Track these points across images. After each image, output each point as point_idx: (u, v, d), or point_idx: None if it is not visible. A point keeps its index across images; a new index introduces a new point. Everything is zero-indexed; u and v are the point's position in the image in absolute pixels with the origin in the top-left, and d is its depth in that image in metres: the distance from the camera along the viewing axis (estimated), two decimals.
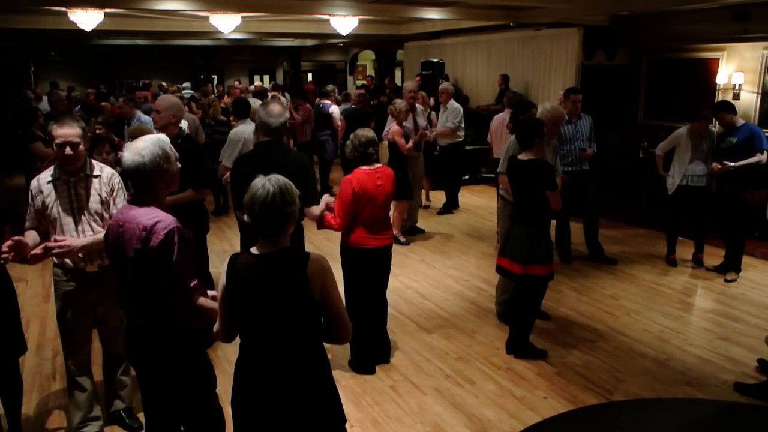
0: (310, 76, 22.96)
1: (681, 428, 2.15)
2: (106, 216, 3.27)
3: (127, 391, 3.63)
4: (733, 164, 5.68)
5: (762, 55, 8.73)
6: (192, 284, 2.46)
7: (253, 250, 2.26)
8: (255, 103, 6.51)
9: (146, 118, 6.96)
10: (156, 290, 2.45)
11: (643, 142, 8.60)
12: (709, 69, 9.31)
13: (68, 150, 3.10)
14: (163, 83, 15.93)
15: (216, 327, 2.38)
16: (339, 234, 4.11)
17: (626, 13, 9.45)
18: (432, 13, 10.48)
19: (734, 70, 9.05)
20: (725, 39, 9.03)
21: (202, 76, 20.29)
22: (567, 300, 5.48)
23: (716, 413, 2.38)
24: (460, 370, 4.26)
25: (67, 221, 3.19)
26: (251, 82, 21.37)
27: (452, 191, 8.84)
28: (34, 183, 3.25)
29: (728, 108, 5.92)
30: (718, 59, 9.23)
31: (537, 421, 3.44)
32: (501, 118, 7.35)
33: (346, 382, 4.07)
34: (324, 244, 6.66)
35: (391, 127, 6.97)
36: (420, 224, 7.76)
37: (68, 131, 3.12)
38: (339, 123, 9.11)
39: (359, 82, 20.69)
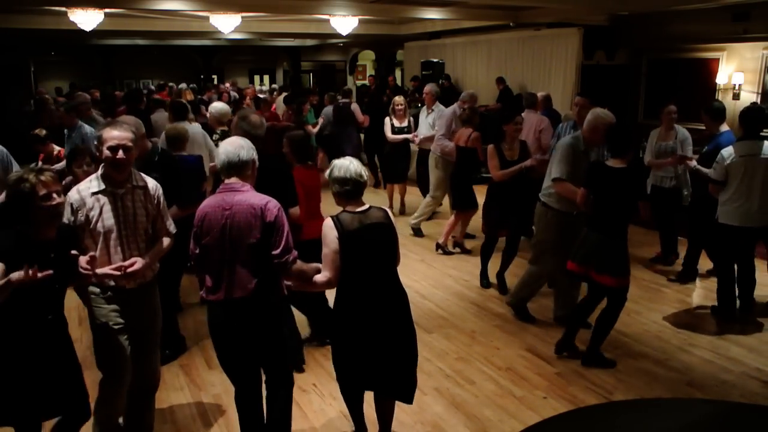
0: (310, 76, 22.99)
1: (681, 428, 2.15)
2: (150, 232, 3.08)
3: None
4: (693, 163, 5.37)
5: (762, 55, 8.74)
6: (295, 253, 2.90)
7: (349, 209, 3.03)
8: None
9: (88, 129, 6.19)
10: (264, 261, 2.84)
11: (642, 142, 8.61)
12: (709, 69, 9.33)
13: (121, 154, 2.87)
14: (172, 84, 15.89)
15: (325, 277, 2.98)
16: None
17: (626, 13, 9.46)
18: (432, 13, 10.50)
19: (734, 70, 9.06)
20: (725, 39, 9.05)
21: (202, 76, 20.30)
22: None
23: (716, 413, 2.37)
24: (460, 370, 4.26)
25: (113, 237, 2.94)
26: (251, 82, 21.37)
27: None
28: (74, 195, 2.94)
29: (711, 111, 5.44)
30: (718, 59, 9.24)
31: (537, 421, 3.43)
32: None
33: None
34: None
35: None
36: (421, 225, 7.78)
37: (123, 134, 2.90)
38: (362, 118, 9.66)
39: (359, 82, 20.69)
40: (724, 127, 5.45)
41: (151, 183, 3.12)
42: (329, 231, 2.96)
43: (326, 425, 3.62)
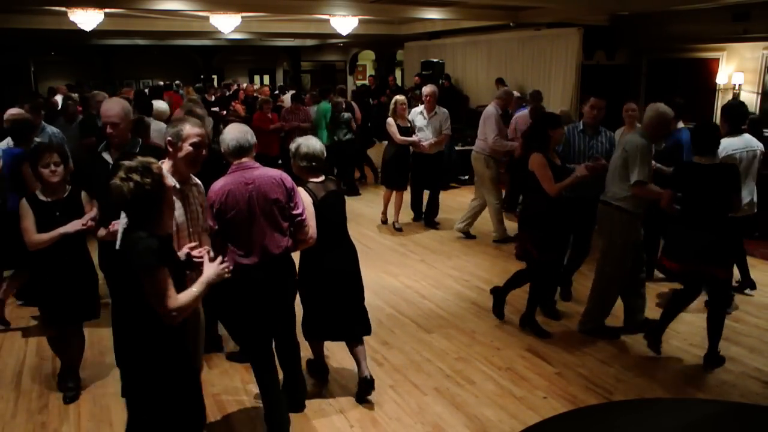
0: (310, 76, 22.99)
1: (681, 428, 2.15)
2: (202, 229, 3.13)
3: None
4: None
5: (762, 55, 8.74)
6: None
7: (313, 180, 3.58)
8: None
9: (53, 129, 5.94)
10: (286, 223, 3.32)
11: None
12: (709, 69, 9.33)
13: (204, 151, 3.03)
14: (178, 82, 15.86)
15: (313, 234, 3.44)
16: None
17: (626, 13, 9.46)
18: (432, 13, 10.50)
19: (734, 70, 9.06)
20: (725, 39, 9.05)
21: (202, 76, 20.28)
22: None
23: (716, 413, 2.37)
24: (460, 370, 4.26)
25: (184, 236, 2.97)
26: (251, 82, 21.37)
27: (434, 201, 8.00)
28: None
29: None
30: (718, 59, 9.24)
31: (537, 421, 3.43)
32: (525, 116, 7.44)
33: (345, 382, 4.08)
34: None
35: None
36: (419, 226, 7.80)
37: (201, 130, 3.03)
38: (358, 116, 9.94)
39: (359, 82, 20.69)
40: (680, 125, 5.48)
41: (198, 181, 3.19)
42: (305, 197, 3.48)
43: (326, 425, 3.62)
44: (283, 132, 9.52)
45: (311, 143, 3.57)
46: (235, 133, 3.28)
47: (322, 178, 3.63)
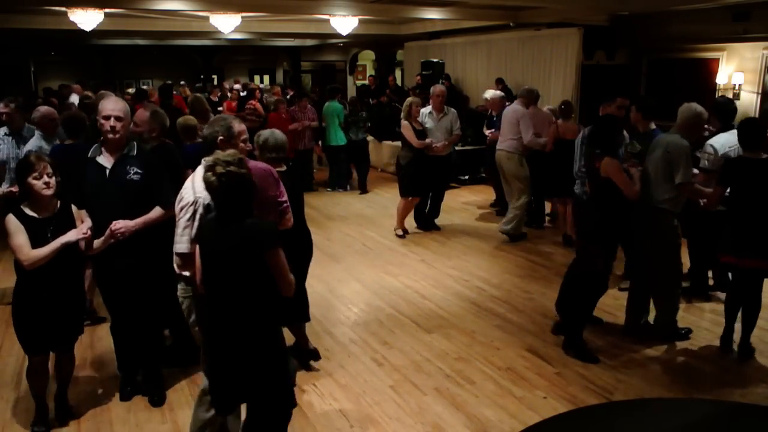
0: (310, 76, 23.00)
1: (681, 428, 2.15)
2: None
3: None
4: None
5: (762, 55, 8.74)
6: None
7: (279, 170, 3.66)
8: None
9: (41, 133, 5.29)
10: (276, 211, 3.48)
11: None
12: (709, 69, 9.33)
13: (249, 144, 3.30)
14: (183, 82, 15.85)
15: (291, 218, 3.58)
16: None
17: (626, 13, 9.46)
18: (432, 13, 10.50)
19: (734, 70, 9.06)
20: (725, 39, 9.05)
21: (202, 76, 20.27)
22: None
23: (716, 413, 2.37)
24: (460, 370, 4.26)
25: None
26: (251, 81, 21.35)
27: (438, 203, 7.83)
28: (203, 196, 2.89)
29: (644, 107, 5.26)
30: (718, 59, 9.25)
31: (537, 421, 3.43)
32: (546, 114, 7.53)
33: (345, 381, 4.08)
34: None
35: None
36: (418, 227, 7.81)
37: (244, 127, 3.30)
38: None
39: (359, 82, 20.69)
40: (652, 125, 5.26)
41: None
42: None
43: (326, 425, 3.62)
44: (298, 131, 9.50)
45: (277, 136, 3.85)
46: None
47: (284, 168, 3.85)
